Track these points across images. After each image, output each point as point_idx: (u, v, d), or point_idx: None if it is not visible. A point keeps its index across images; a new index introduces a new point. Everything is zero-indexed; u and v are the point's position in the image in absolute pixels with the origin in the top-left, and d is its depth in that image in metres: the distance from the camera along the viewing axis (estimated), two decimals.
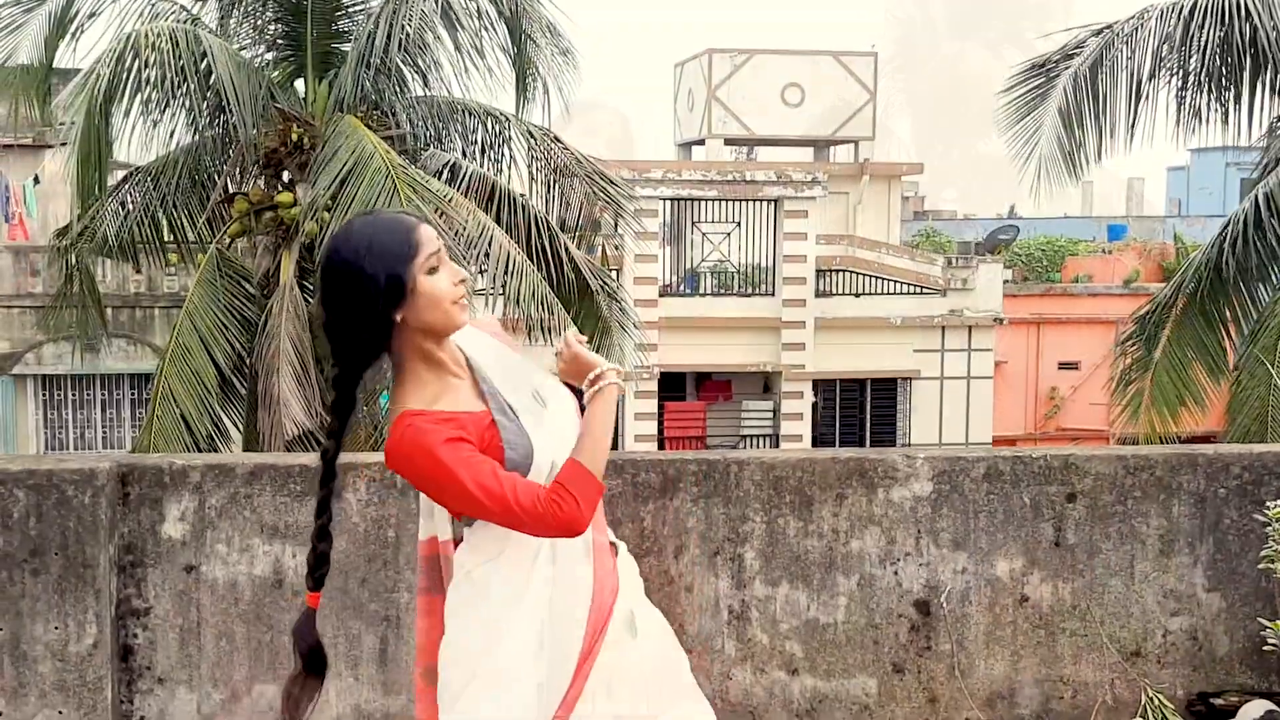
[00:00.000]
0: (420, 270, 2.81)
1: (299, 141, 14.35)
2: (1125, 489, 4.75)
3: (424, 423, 2.80)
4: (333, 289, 2.82)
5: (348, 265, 2.80)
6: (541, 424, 2.95)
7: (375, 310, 2.80)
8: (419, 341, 2.87)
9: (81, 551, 4.31)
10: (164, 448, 13.58)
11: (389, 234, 2.82)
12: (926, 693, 4.72)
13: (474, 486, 2.76)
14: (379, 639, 4.54)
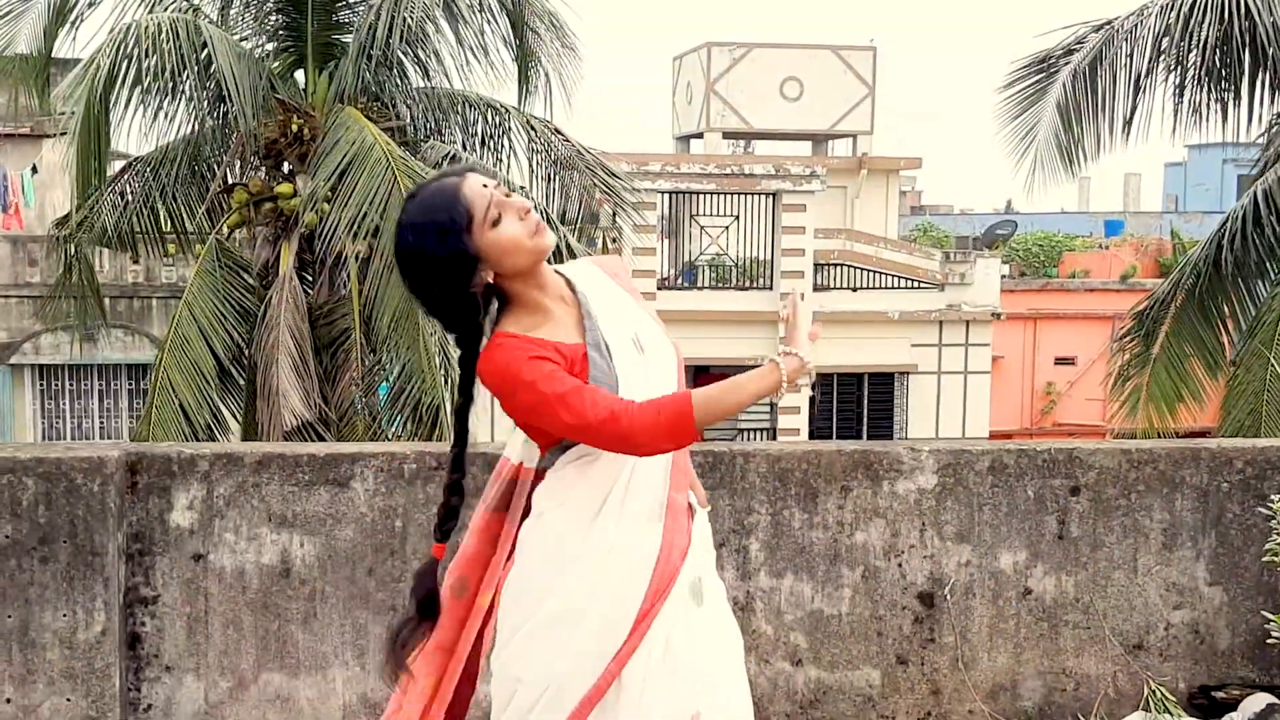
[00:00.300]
0: (482, 231, 2.82)
1: (299, 132, 14.34)
2: (1129, 482, 4.77)
3: (512, 342, 2.85)
4: (410, 278, 2.90)
5: (411, 256, 2.86)
6: (634, 367, 2.93)
7: (455, 287, 2.86)
8: (514, 285, 2.92)
9: (90, 540, 4.32)
10: (162, 438, 13.58)
11: (438, 212, 2.82)
12: (930, 684, 4.75)
13: (549, 393, 2.79)
14: (386, 628, 4.55)
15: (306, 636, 4.53)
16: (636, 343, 2.97)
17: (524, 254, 2.86)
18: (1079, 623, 4.79)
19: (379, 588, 4.54)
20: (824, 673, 4.70)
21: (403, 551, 4.54)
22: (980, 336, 26.01)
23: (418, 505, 4.53)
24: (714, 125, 31.00)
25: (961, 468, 4.71)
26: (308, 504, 4.50)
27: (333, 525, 4.51)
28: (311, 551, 4.51)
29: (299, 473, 4.51)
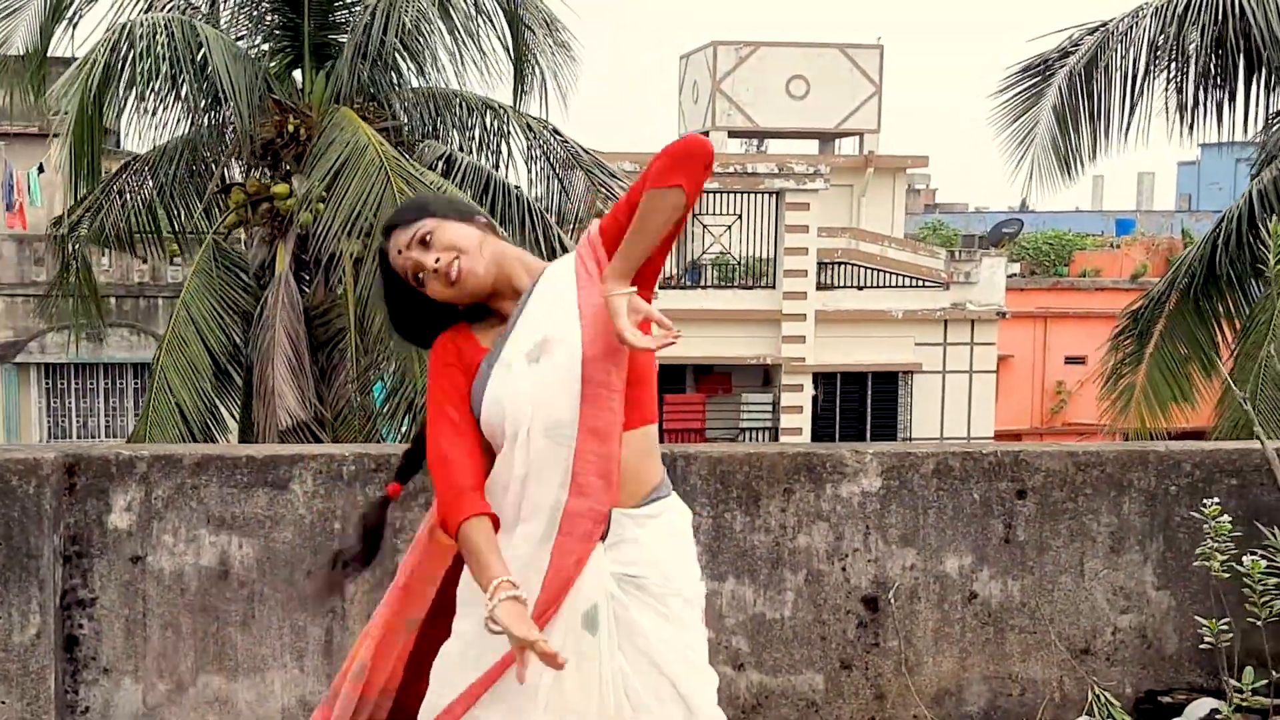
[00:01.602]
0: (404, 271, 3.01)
1: (295, 133, 14.35)
2: (1076, 486, 4.74)
3: (444, 336, 3.01)
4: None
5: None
6: (510, 383, 2.88)
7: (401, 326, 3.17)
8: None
9: (25, 541, 4.32)
10: (160, 437, 13.62)
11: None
12: (874, 689, 4.72)
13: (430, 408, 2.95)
14: (324, 630, 4.55)
15: (245, 639, 4.53)
16: (535, 351, 2.91)
17: (448, 300, 2.98)
18: (1025, 627, 4.75)
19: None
20: (766, 677, 4.68)
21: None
22: (985, 336, 25.94)
23: (356, 507, 4.51)
24: (720, 124, 30.95)
25: (906, 470, 4.68)
26: (246, 506, 4.49)
27: (271, 527, 4.51)
28: (250, 553, 4.50)
29: (237, 474, 4.50)
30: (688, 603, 2.92)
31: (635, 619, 2.81)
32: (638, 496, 2.88)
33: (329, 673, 4.54)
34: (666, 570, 2.87)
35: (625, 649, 2.79)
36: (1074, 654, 4.75)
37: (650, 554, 2.86)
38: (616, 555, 2.84)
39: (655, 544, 2.87)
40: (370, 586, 4.53)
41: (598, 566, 2.82)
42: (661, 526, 2.91)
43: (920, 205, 51.16)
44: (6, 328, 23.41)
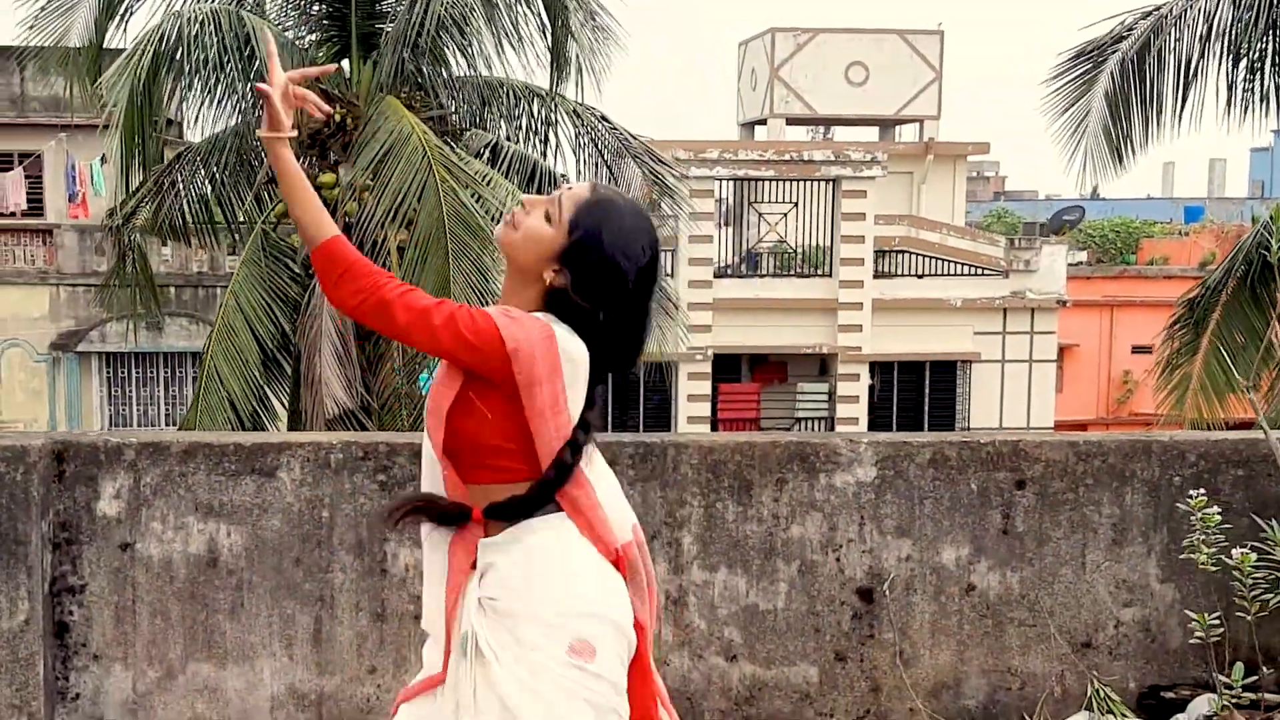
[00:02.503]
0: None
1: (342, 122, 14.39)
2: (1077, 476, 4.63)
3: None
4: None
5: None
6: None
7: None
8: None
9: (13, 528, 4.34)
10: (210, 425, 13.74)
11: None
12: (869, 681, 4.64)
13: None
14: (313, 619, 4.54)
15: (234, 627, 4.53)
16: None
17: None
18: (1024, 620, 4.66)
19: (306, 578, 4.52)
20: (759, 669, 4.61)
21: (329, 542, 4.51)
22: (1046, 324, 25.60)
23: (344, 495, 4.50)
24: (778, 111, 30.76)
25: (901, 460, 4.60)
26: (234, 494, 4.49)
27: (259, 515, 4.50)
28: (238, 541, 4.50)
29: (225, 462, 4.50)
30: (541, 625, 2.73)
31: (486, 644, 2.73)
32: (502, 525, 2.80)
33: (318, 661, 4.54)
34: (521, 592, 2.75)
35: (482, 673, 2.73)
36: (1075, 648, 4.65)
37: (505, 577, 2.77)
38: (483, 581, 2.79)
39: (512, 568, 2.77)
40: (358, 575, 4.52)
41: (471, 594, 2.79)
42: (523, 550, 2.78)
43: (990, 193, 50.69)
44: (69, 317, 23.74)
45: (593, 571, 2.80)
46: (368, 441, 4.56)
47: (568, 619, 2.73)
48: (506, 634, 2.72)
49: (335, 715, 4.55)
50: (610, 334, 2.79)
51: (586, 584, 2.78)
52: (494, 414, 2.73)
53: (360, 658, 4.55)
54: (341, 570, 4.52)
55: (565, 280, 2.75)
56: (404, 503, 2.91)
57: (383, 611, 4.54)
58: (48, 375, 23.67)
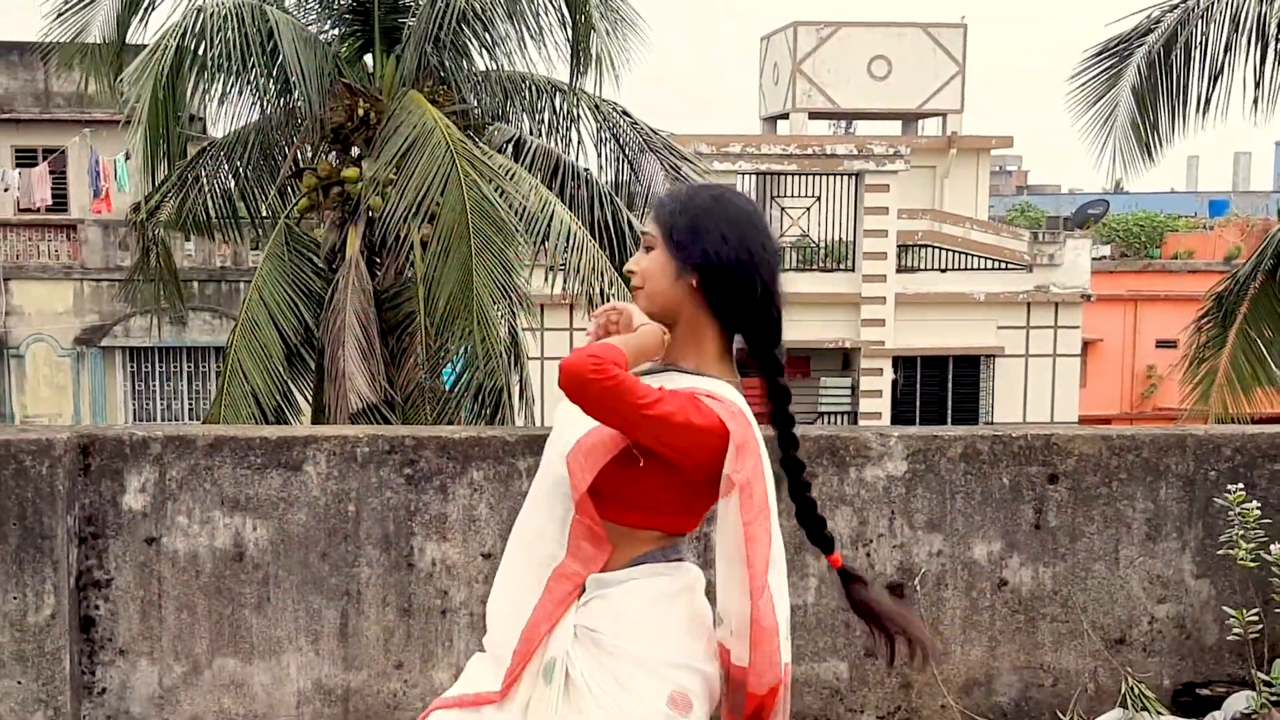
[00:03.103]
0: None
1: (365, 116, 14.38)
2: (1110, 470, 4.57)
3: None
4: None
5: None
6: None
7: None
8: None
9: (39, 522, 4.32)
10: (233, 419, 13.74)
11: None
12: (900, 678, 4.59)
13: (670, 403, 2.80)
14: (339, 613, 4.51)
15: (260, 621, 4.50)
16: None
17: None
18: (1057, 616, 4.60)
19: (332, 572, 4.49)
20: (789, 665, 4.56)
21: (356, 536, 4.48)
22: (1070, 319, 25.49)
23: (370, 489, 4.47)
24: (800, 105, 30.68)
25: (932, 454, 4.55)
26: (260, 487, 4.46)
27: (285, 509, 4.47)
28: (264, 535, 4.48)
29: (251, 455, 4.47)
30: (645, 670, 2.67)
31: (580, 676, 2.68)
32: (622, 562, 2.76)
33: (344, 656, 4.51)
34: (628, 631, 2.69)
35: (570, 703, 2.68)
36: (1108, 644, 4.60)
37: (614, 610, 2.71)
38: (585, 610, 2.73)
39: (623, 602, 2.72)
40: (385, 570, 4.49)
41: (568, 622, 2.74)
42: (639, 588, 2.72)
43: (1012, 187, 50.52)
44: (93, 312, 23.82)
45: (702, 625, 2.78)
46: (394, 435, 4.53)
47: (673, 669, 2.69)
48: (606, 672, 2.67)
49: (362, 710, 4.52)
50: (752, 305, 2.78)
51: (696, 636, 2.75)
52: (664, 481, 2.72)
53: (387, 653, 4.52)
54: (368, 565, 4.49)
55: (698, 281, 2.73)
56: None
57: (409, 606, 4.51)
58: (72, 370, 23.76)
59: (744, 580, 2.69)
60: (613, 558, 2.74)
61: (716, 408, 2.64)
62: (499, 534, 4.49)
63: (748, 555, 2.69)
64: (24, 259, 24.09)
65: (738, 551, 2.69)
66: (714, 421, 2.63)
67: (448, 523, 4.49)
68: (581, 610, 2.72)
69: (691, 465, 2.66)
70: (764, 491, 2.74)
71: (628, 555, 2.74)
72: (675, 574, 2.78)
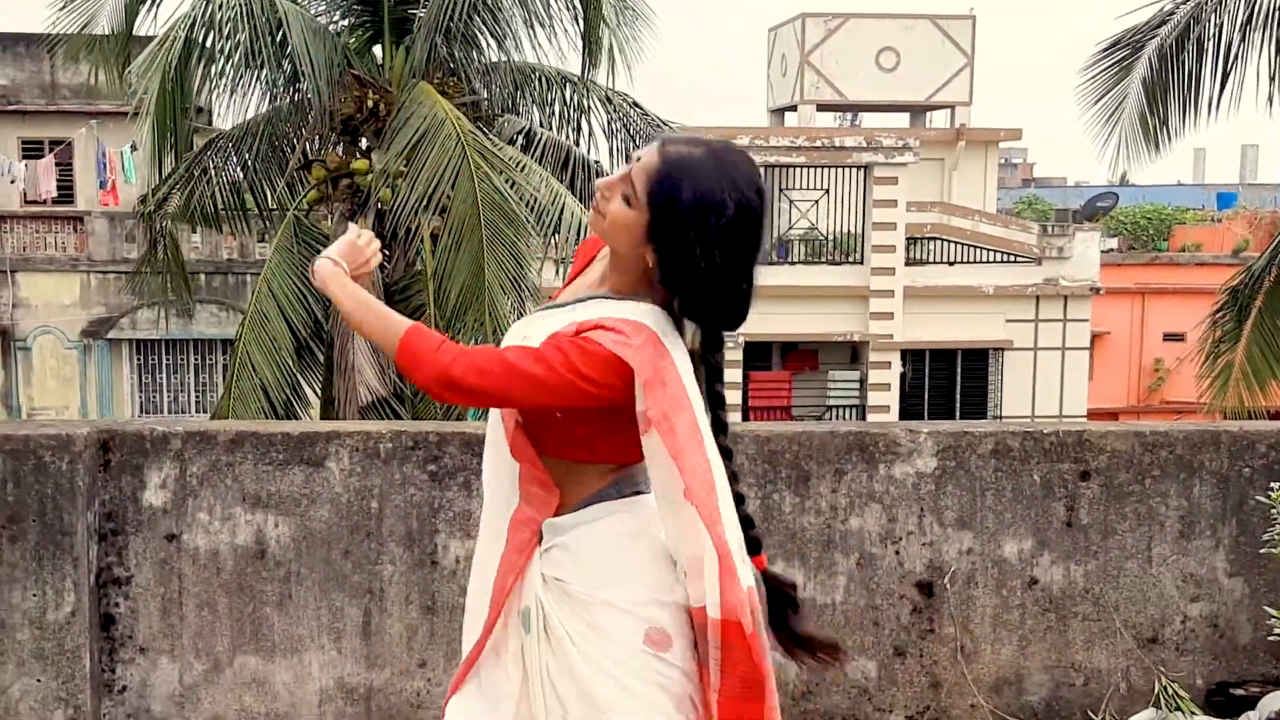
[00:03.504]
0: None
1: (375, 108, 14.32)
2: (1143, 467, 4.51)
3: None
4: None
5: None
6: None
7: None
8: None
9: (59, 518, 4.26)
10: (243, 413, 13.70)
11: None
12: (929, 677, 4.54)
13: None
14: (362, 611, 4.45)
15: (282, 619, 4.44)
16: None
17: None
18: (1089, 614, 4.54)
19: (355, 570, 4.44)
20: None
21: (379, 533, 4.42)
22: (1079, 312, 25.40)
23: (394, 486, 4.42)
24: (808, 97, 30.57)
25: (963, 450, 4.49)
26: (282, 484, 4.41)
27: (307, 506, 4.42)
28: (286, 532, 4.42)
29: (273, 452, 4.41)
30: (618, 611, 2.61)
31: (558, 624, 2.63)
32: (574, 502, 2.67)
33: (367, 654, 4.46)
34: (592, 577, 2.63)
35: (553, 653, 2.63)
36: (1141, 643, 4.54)
37: (577, 557, 2.64)
38: (548, 558, 2.66)
39: (585, 548, 2.64)
40: (408, 567, 4.44)
41: (534, 569, 2.67)
42: (595, 530, 2.65)
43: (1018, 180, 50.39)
44: (99, 304, 23.76)
45: (666, 556, 2.65)
46: (417, 431, 4.47)
47: (645, 607, 2.61)
48: (580, 620, 2.62)
49: (385, 709, 4.47)
50: (712, 299, 2.59)
51: (661, 569, 2.63)
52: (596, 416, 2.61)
53: (410, 651, 4.47)
54: (391, 562, 4.43)
55: (654, 261, 2.57)
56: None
57: (433, 604, 4.45)
58: (79, 362, 23.72)
59: (692, 515, 2.50)
60: (564, 499, 2.65)
61: (613, 342, 2.50)
62: None
63: (687, 485, 2.49)
64: (31, 251, 24.03)
65: (675, 487, 2.51)
66: (608, 358, 2.48)
67: (472, 520, 4.43)
68: (545, 558, 2.66)
69: (605, 403, 2.53)
70: (691, 420, 2.52)
71: (578, 495, 2.66)
72: (631, 509, 2.67)
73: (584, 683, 2.60)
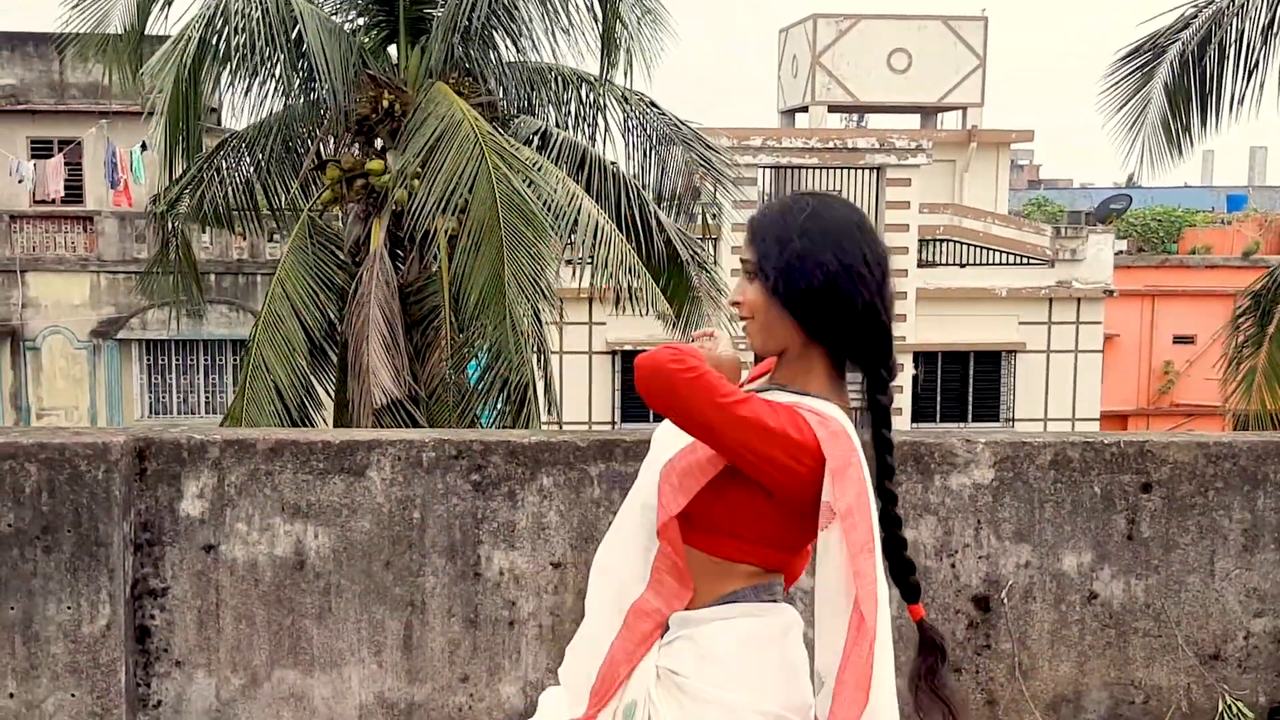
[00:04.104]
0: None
1: (390, 108, 14.21)
2: (1206, 479, 4.39)
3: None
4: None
5: None
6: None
7: None
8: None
9: (95, 529, 4.15)
10: (256, 415, 13.60)
11: None
12: (985, 694, 4.42)
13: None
14: (403, 624, 4.34)
15: (321, 632, 4.33)
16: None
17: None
18: (1149, 630, 4.42)
19: (396, 582, 4.32)
20: None
21: (421, 544, 4.31)
22: (1092, 314, 25.27)
23: (436, 496, 4.30)
24: (819, 99, 30.44)
25: (1021, 461, 4.37)
26: (322, 493, 4.29)
27: (348, 516, 4.30)
28: (326, 543, 4.30)
29: (313, 460, 4.30)
30: (732, 713, 2.47)
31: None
32: (709, 599, 2.54)
33: (408, 668, 4.35)
34: (714, 675, 2.48)
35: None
36: (1202, 660, 4.42)
37: (699, 652, 2.50)
38: (668, 650, 2.53)
39: (710, 644, 2.50)
40: (450, 579, 4.32)
41: (649, 662, 2.54)
42: (727, 629, 2.51)
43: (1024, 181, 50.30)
44: (109, 304, 23.66)
45: (796, 674, 2.57)
46: (460, 440, 4.35)
47: (762, 716, 2.49)
48: (688, 711, 2.49)
49: None
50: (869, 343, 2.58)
51: (791, 684, 2.55)
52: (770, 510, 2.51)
53: (452, 665, 4.35)
54: (433, 574, 4.32)
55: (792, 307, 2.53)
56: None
57: (476, 617, 4.34)
58: (88, 362, 23.61)
59: (852, 623, 2.42)
60: (699, 594, 2.52)
61: (815, 425, 2.43)
62: (569, 542, 4.32)
63: (857, 594, 2.40)
64: (40, 251, 23.94)
65: (842, 591, 2.43)
66: (809, 438, 2.41)
67: (516, 530, 4.32)
68: (664, 650, 2.52)
69: (783, 486, 2.43)
70: (869, 526, 2.44)
71: (715, 592, 2.52)
72: (769, 614, 2.57)
73: None
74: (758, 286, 2.55)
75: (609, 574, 2.65)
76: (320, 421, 14.88)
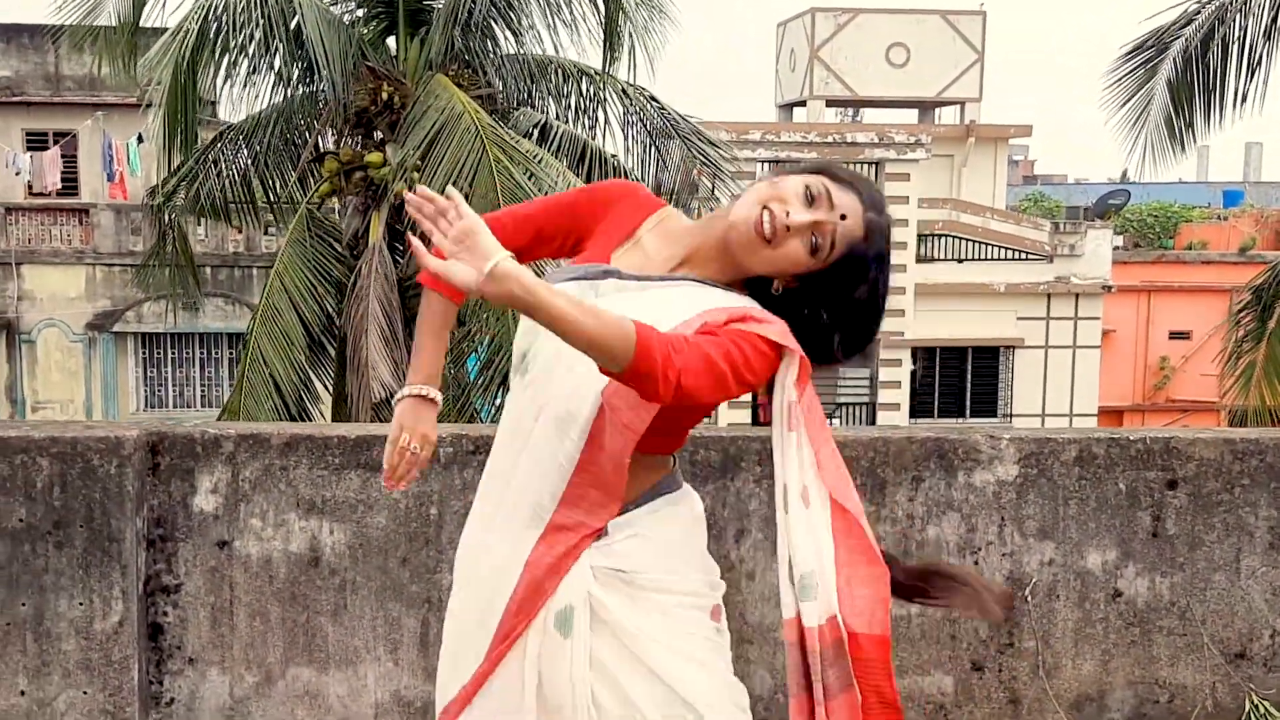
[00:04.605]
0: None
1: (389, 101, 14.14)
2: (1232, 476, 4.34)
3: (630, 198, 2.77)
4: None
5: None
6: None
7: None
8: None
9: (107, 524, 4.08)
10: (254, 408, 13.54)
11: None
12: (1008, 693, 4.37)
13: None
14: (420, 622, 4.28)
15: (336, 629, 4.27)
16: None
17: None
18: (1174, 628, 4.37)
19: (413, 579, 4.26)
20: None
21: (438, 540, 4.25)
22: (1090, 310, 25.28)
23: (454, 491, 4.24)
24: (818, 93, 30.40)
25: (1045, 458, 4.31)
26: (338, 489, 4.23)
27: (364, 512, 4.24)
28: (342, 540, 4.24)
29: (329, 455, 4.23)
30: (691, 598, 2.54)
31: (622, 619, 2.47)
32: (636, 495, 2.53)
33: (425, 667, 4.28)
34: (665, 566, 2.52)
35: (610, 654, 2.47)
36: (1228, 658, 4.37)
37: (644, 548, 2.51)
38: (608, 551, 2.50)
39: (651, 539, 2.52)
40: None
41: (579, 568, 2.49)
42: (661, 521, 2.54)
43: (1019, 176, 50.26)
44: (104, 297, 23.57)
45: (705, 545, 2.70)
46: (478, 434, 4.29)
47: (711, 588, 2.61)
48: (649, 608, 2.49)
49: None
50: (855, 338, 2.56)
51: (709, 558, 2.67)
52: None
53: None
54: (450, 571, 4.24)
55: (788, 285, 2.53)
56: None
57: None
58: (84, 355, 23.52)
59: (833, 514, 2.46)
60: (626, 495, 2.51)
61: (778, 333, 2.40)
62: None
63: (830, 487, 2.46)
64: (36, 243, 23.84)
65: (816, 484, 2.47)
66: (768, 351, 2.39)
67: None
68: (602, 552, 2.49)
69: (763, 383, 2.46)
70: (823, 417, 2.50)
71: (638, 489, 2.52)
72: (688, 498, 2.65)
73: (662, 671, 2.47)
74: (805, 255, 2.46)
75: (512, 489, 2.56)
76: (318, 416, 14.83)
